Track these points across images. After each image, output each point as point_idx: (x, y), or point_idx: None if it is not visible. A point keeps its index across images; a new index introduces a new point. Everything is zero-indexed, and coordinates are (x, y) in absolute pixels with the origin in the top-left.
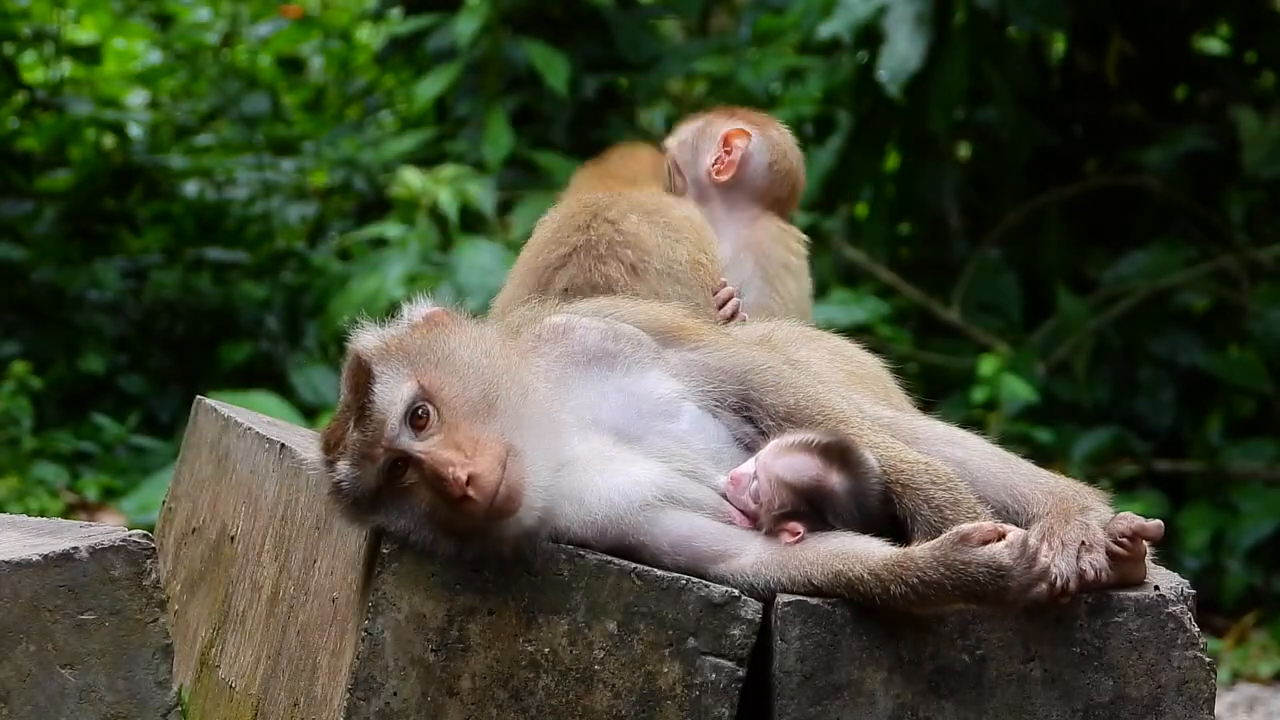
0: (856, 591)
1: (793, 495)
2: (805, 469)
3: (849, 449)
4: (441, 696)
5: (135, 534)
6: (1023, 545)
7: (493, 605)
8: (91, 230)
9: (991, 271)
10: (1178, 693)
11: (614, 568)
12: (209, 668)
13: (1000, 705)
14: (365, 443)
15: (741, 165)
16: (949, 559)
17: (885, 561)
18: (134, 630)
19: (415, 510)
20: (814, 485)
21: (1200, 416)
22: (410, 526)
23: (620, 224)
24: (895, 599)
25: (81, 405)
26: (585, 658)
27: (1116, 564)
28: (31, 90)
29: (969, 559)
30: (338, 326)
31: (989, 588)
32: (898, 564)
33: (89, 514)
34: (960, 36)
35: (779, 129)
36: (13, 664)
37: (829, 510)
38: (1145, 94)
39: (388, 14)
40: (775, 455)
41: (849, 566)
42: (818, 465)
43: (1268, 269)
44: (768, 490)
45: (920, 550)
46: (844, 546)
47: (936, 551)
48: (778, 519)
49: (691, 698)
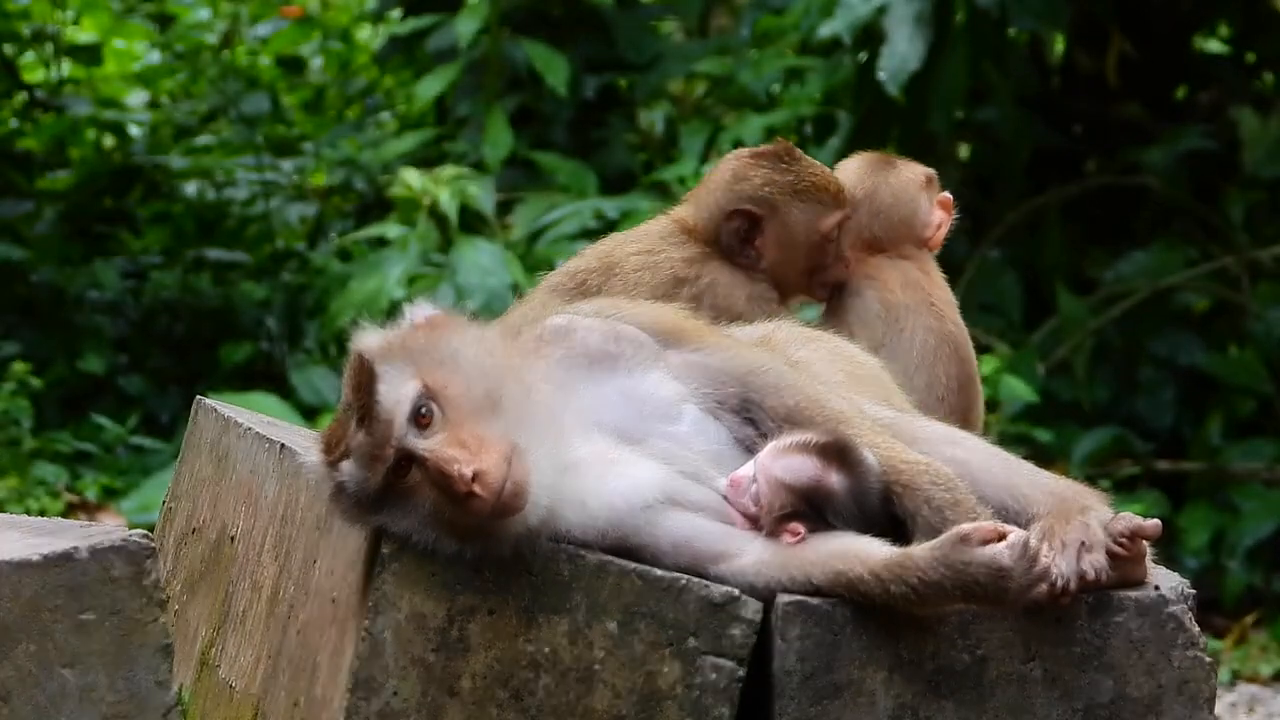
0: (857, 591)
1: (792, 496)
2: (804, 469)
3: (847, 448)
4: (442, 696)
5: (135, 534)
6: (1023, 546)
7: (493, 605)
8: (91, 230)
9: (991, 271)
10: (1178, 693)
11: (614, 568)
12: (209, 668)
13: (1000, 705)
14: (372, 443)
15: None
16: (949, 559)
17: (885, 561)
18: (134, 630)
19: (419, 510)
20: (813, 485)
21: (1200, 416)
22: (413, 526)
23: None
24: (895, 599)
25: (81, 405)
26: (585, 657)
27: (1117, 564)
28: (31, 90)
29: (969, 559)
30: (338, 326)
31: (989, 588)
32: (898, 564)
33: (89, 514)
34: (960, 36)
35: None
36: (13, 664)
37: (829, 510)
38: (1145, 94)
39: (388, 14)
40: (774, 457)
41: (849, 566)
42: (816, 465)
43: (1268, 269)
44: (767, 492)
45: (920, 550)
46: (844, 546)
47: (937, 552)
48: (778, 520)
49: (692, 697)
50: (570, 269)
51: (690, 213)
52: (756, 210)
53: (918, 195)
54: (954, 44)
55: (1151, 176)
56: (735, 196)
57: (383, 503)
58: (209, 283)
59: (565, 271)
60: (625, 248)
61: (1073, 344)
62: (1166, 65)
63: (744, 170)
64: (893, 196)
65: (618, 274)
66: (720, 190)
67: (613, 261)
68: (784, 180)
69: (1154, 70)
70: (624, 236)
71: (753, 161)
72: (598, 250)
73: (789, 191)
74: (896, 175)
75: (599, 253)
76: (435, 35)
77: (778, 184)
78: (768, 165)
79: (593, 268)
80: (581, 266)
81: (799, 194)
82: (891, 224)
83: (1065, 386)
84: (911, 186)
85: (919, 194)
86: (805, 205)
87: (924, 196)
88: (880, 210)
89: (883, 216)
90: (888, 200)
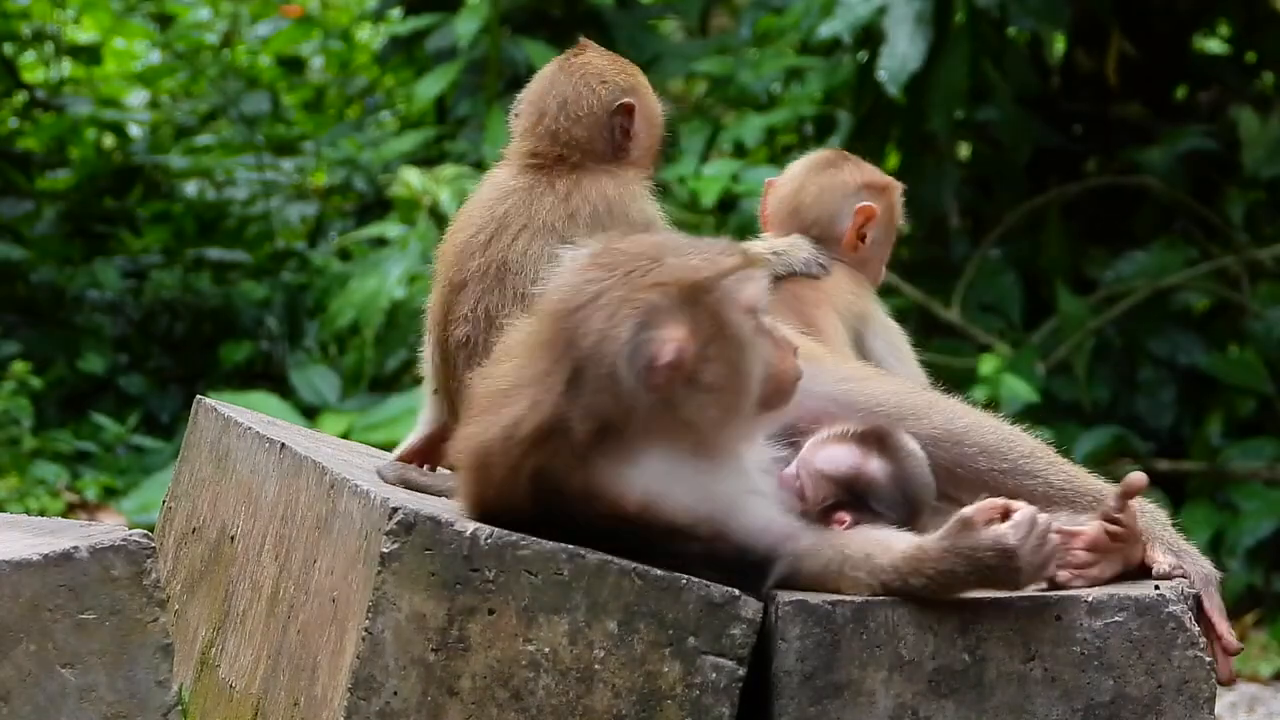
0: (878, 578)
1: (834, 486)
2: (843, 459)
3: (886, 435)
4: (442, 696)
5: (135, 534)
6: (1029, 523)
7: (493, 605)
8: (91, 230)
9: (991, 271)
10: (1178, 692)
11: (614, 567)
12: (209, 667)
13: (1000, 705)
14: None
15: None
16: (957, 546)
17: (903, 554)
18: (134, 630)
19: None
20: (853, 474)
21: (1200, 416)
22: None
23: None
24: (917, 590)
25: (81, 405)
26: (585, 657)
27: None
28: (31, 90)
29: (975, 543)
30: (338, 326)
31: (999, 570)
32: (913, 556)
33: (89, 514)
34: (960, 36)
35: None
36: (13, 664)
37: (872, 497)
38: (1145, 94)
39: (388, 14)
40: (814, 449)
41: (878, 553)
42: (856, 454)
43: (1268, 269)
44: (810, 484)
45: (930, 541)
46: (878, 537)
47: (945, 541)
48: (824, 512)
49: (692, 697)
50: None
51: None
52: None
53: (842, 198)
54: (954, 44)
55: (1151, 176)
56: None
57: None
58: (209, 282)
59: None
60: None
61: (1073, 344)
62: (1166, 65)
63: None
64: (816, 192)
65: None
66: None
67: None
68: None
69: (1154, 70)
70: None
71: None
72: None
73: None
74: (829, 177)
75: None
76: (435, 35)
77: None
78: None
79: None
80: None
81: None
82: (810, 220)
83: (1065, 386)
84: (841, 188)
85: (845, 197)
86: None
87: (850, 200)
88: (800, 205)
89: (802, 211)
90: (810, 197)
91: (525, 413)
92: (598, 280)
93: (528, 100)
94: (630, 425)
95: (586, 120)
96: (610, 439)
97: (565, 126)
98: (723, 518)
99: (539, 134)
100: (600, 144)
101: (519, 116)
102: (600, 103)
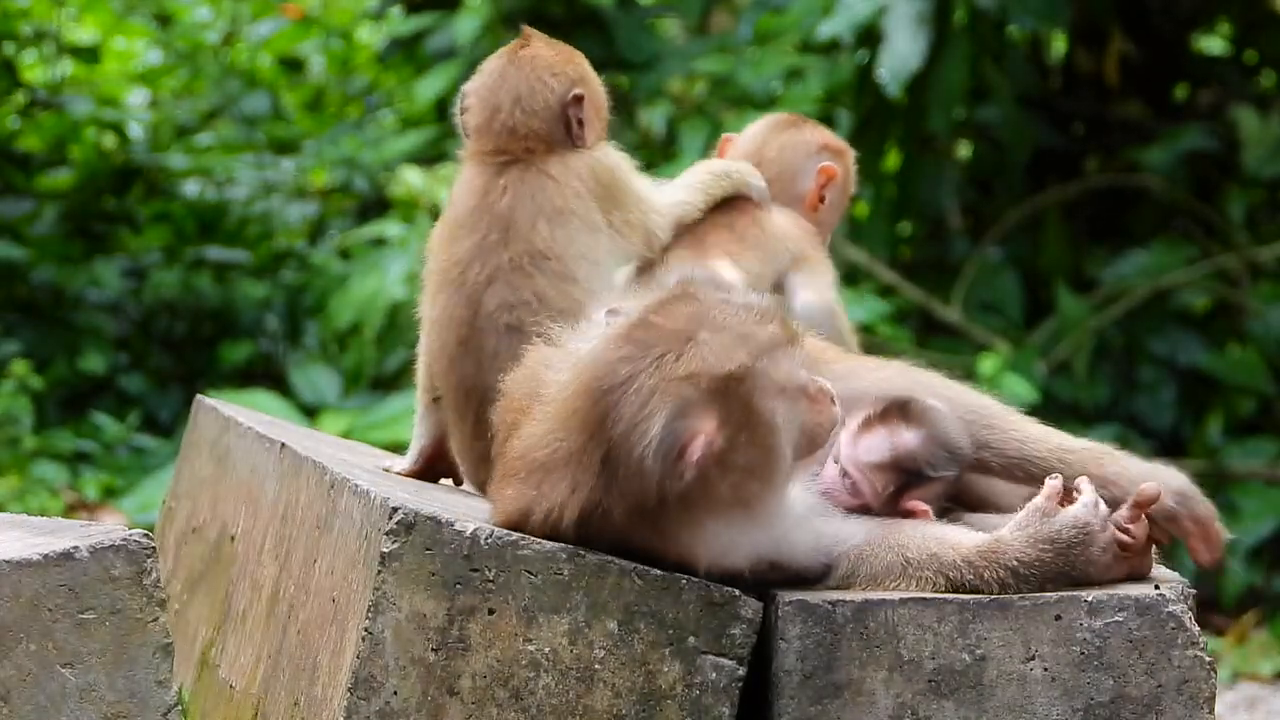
0: (946, 576)
1: (887, 473)
2: (880, 445)
3: (904, 403)
4: (442, 696)
5: (135, 533)
6: (1095, 502)
7: (493, 605)
8: (91, 230)
9: (991, 271)
10: (1178, 692)
11: (614, 567)
12: (209, 667)
13: (1000, 705)
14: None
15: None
16: (1040, 535)
17: (978, 548)
18: (134, 630)
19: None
20: (896, 454)
21: (1200, 416)
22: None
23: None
24: (989, 584)
25: (81, 405)
26: (585, 657)
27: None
28: (31, 90)
29: (1058, 527)
30: (338, 326)
31: (1080, 551)
32: (990, 550)
33: (89, 513)
34: (960, 36)
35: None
36: (13, 663)
37: (924, 466)
38: (1145, 94)
39: (388, 13)
40: (850, 445)
41: (944, 550)
42: (886, 433)
43: (1268, 269)
44: (863, 480)
45: (1007, 534)
46: (941, 533)
47: (1027, 530)
48: (888, 501)
49: (692, 697)
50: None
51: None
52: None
53: (805, 157)
54: (954, 44)
55: (1151, 176)
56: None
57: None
58: (209, 282)
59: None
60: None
61: (1073, 343)
62: (1166, 65)
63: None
64: (778, 152)
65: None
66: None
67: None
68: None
69: (1154, 70)
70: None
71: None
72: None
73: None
74: (791, 135)
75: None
76: (435, 35)
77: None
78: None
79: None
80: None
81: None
82: (771, 176)
83: (1065, 386)
84: (802, 148)
85: (808, 156)
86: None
87: (813, 160)
88: (762, 161)
89: (763, 168)
90: (772, 154)
91: (566, 499)
92: (631, 360)
93: (477, 96)
94: (667, 506)
95: (543, 114)
96: (650, 517)
97: (522, 120)
98: (774, 553)
99: (496, 130)
100: (558, 134)
101: (469, 112)
102: (554, 95)
